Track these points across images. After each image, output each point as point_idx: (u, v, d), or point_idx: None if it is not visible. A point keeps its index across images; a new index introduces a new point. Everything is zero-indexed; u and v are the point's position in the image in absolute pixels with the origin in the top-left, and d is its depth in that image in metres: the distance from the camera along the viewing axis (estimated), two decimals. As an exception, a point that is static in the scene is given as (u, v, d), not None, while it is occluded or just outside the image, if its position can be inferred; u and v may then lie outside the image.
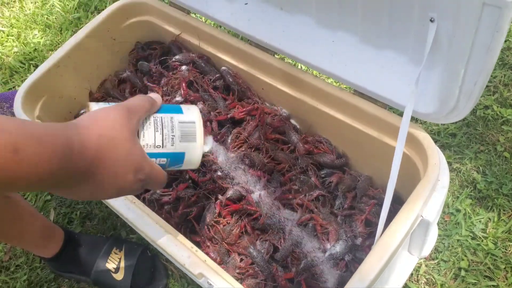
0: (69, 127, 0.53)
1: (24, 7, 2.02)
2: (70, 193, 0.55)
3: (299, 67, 1.30)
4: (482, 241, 1.15)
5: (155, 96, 0.63)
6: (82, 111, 1.27)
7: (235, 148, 1.11)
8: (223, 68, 1.18)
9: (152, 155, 0.61)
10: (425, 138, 0.89)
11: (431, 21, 0.75)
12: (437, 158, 0.86)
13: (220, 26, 1.20)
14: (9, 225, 1.04)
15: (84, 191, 0.54)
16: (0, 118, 0.45)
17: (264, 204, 1.02)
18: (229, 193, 1.04)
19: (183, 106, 0.66)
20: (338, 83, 1.26)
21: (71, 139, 0.50)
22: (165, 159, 0.63)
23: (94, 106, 0.61)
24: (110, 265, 1.17)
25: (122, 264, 1.17)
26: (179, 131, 0.62)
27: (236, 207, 1.02)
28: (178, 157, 0.63)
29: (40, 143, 0.47)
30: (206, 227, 1.03)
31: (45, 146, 0.47)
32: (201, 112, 0.78)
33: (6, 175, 0.44)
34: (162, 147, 0.61)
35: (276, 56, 1.09)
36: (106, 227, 1.34)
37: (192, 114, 0.65)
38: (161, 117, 0.62)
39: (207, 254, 0.98)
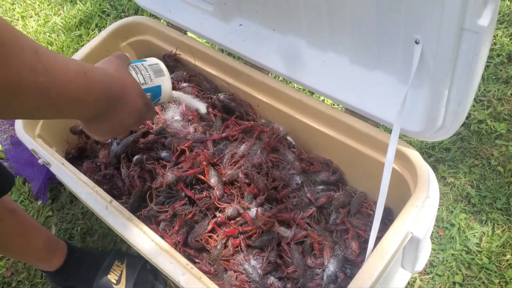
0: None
1: (27, 25, 2.06)
2: (107, 123, 0.70)
3: (294, 86, 1.32)
4: (477, 255, 1.16)
5: (125, 53, 0.85)
6: (80, 127, 1.30)
7: (231, 166, 1.12)
8: (221, 96, 1.20)
9: None
10: (415, 155, 0.91)
11: (416, 42, 0.77)
12: (426, 175, 0.88)
13: (215, 46, 1.22)
14: (14, 239, 1.06)
15: (117, 119, 0.70)
16: (63, 56, 0.60)
17: (260, 221, 1.04)
18: (228, 212, 1.06)
19: (143, 58, 0.86)
20: (332, 102, 1.28)
21: (104, 70, 0.68)
22: (149, 94, 0.81)
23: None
24: (112, 276, 1.19)
25: (124, 276, 1.19)
26: (151, 71, 0.81)
27: (233, 232, 1.04)
28: (157, 90, 0.82)
29: (94, 70, 0.64)
30: (193, 240, 1.05)
31: (99, 73, 0.64)
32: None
33: (82, 94, 0.60)
34: (145, 84, 0.80)
35: (270, 75, 1.11)
36: (106, 242, 1.36)
37: (153, 59, 0.85)
38: (136, 65, 0.80)
39: (200, 268, 1.00)
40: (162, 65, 0.83)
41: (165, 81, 0.83)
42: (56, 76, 0.55)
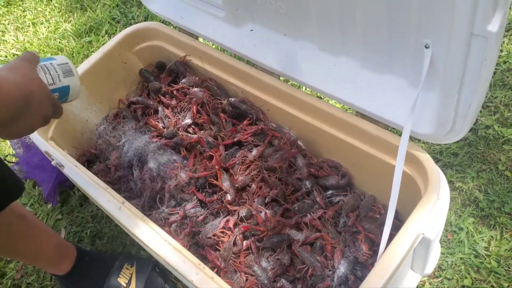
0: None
1: (37, 31, 2.09)
2: (12, 128, 0.70)
3: (303, 89, 1.34)
4: (485, 259, 1.16)
5: (34, 51, 0.82)
6: (101, 126, 1.31)
7: (243, 171, 1.14)
8: (232, 99, 1.21)
9: None
10: (426, 158, 0.92)
11: (426, 47, 0.78)
12: (437, 177, 0.89)
13: (225, 51, 1.24)
14: (25, 244, 1.07)
15: (22, 123, 0.71)
16: None
17: (270, 223, 1.05)
18: (243, 213, 1.07)
19: (53, 56, 0.86)
20: (342, 105, 1.29)
21: (9, 78, 0.68)
22: (57, 94, 0.82)
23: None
24: (122, 280, 1.20)
25: (133, 279, 1.20)
26: (60, 70, 0.81)
27: (246, 228, 1.05)
28: (65, 90, 0.82)
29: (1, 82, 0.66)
30: (205, 237, 1.06)
31: (5, 83, 0.66)
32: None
33: None
34: (54, 84, 0.80)
35: (280, 79, 1.13)
36: (116, 245, 1.37)
37: (63, 58, 0.84)
38: (45, 64, 0.80)
39: (212, 261, 1.02)
40: (71, 65, 0.84)
41: (74, 81, 0.83)
42: None
